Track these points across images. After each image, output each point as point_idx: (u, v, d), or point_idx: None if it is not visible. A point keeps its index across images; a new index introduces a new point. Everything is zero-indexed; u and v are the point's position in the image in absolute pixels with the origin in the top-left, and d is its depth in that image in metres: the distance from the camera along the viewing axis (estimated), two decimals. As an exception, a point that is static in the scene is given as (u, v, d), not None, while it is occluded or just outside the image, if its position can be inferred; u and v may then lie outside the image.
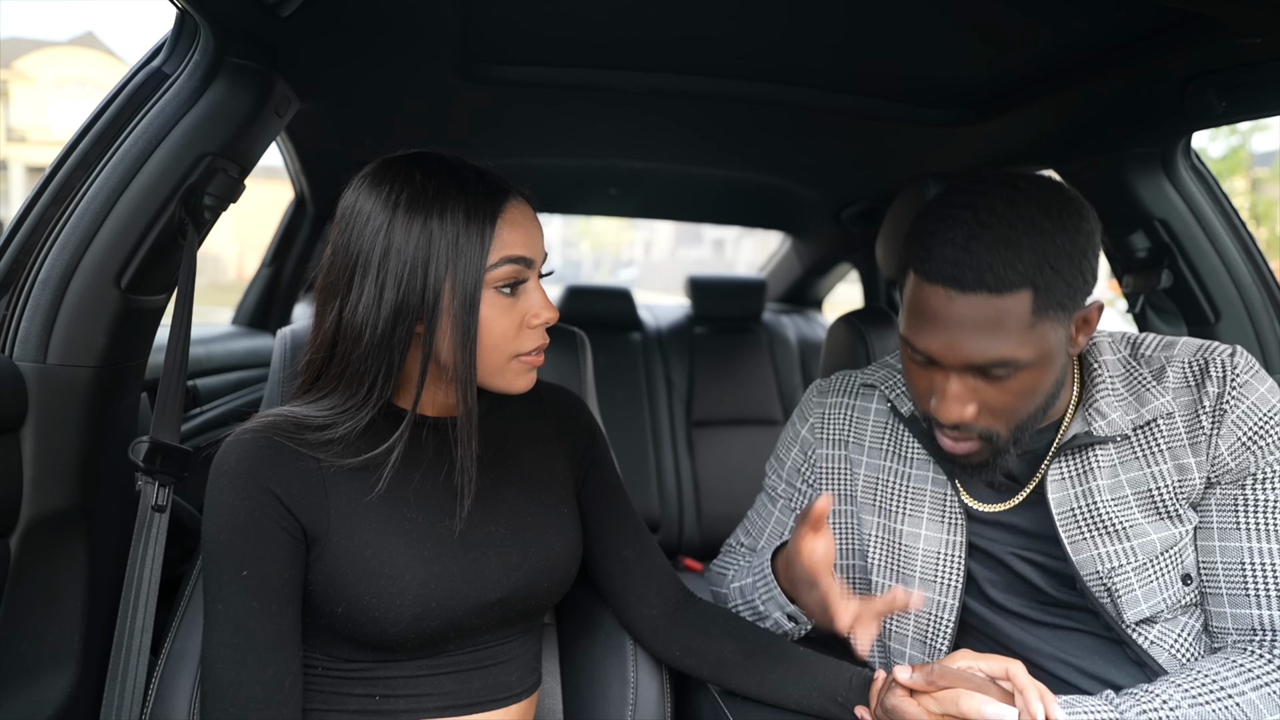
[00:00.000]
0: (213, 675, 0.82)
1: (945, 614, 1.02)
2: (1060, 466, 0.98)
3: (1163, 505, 0.95)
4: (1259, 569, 0.91)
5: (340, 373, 0.87)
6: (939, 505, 1.04)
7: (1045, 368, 0.88)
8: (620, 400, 2.65)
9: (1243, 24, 0.95)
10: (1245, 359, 0.96)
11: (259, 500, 0.83)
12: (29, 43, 23.42)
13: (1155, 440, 0.96)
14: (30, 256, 0.96)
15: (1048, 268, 0.83)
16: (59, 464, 0.96)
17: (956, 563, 1.02)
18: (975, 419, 0.90)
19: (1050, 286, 0.84)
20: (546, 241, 0.92)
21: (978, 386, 0.88)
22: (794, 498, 1.19)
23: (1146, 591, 0.93)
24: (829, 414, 1.16)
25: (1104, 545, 0.94)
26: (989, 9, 1.06)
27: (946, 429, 0.93)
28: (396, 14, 1.12)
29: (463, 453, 0.88)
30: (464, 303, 0.83)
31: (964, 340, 0.85)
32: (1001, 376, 0.87)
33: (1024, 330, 0.84)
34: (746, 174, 2.20)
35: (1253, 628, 0.91)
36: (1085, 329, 0.92)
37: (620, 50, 1.30)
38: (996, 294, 0.83)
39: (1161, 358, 1.00)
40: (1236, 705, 0.83)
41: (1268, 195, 11.93)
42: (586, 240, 34.10)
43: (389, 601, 0.85)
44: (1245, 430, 0.93)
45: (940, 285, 0.85)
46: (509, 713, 0.95)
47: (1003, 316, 0.83)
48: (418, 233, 0.83)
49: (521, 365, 0.89)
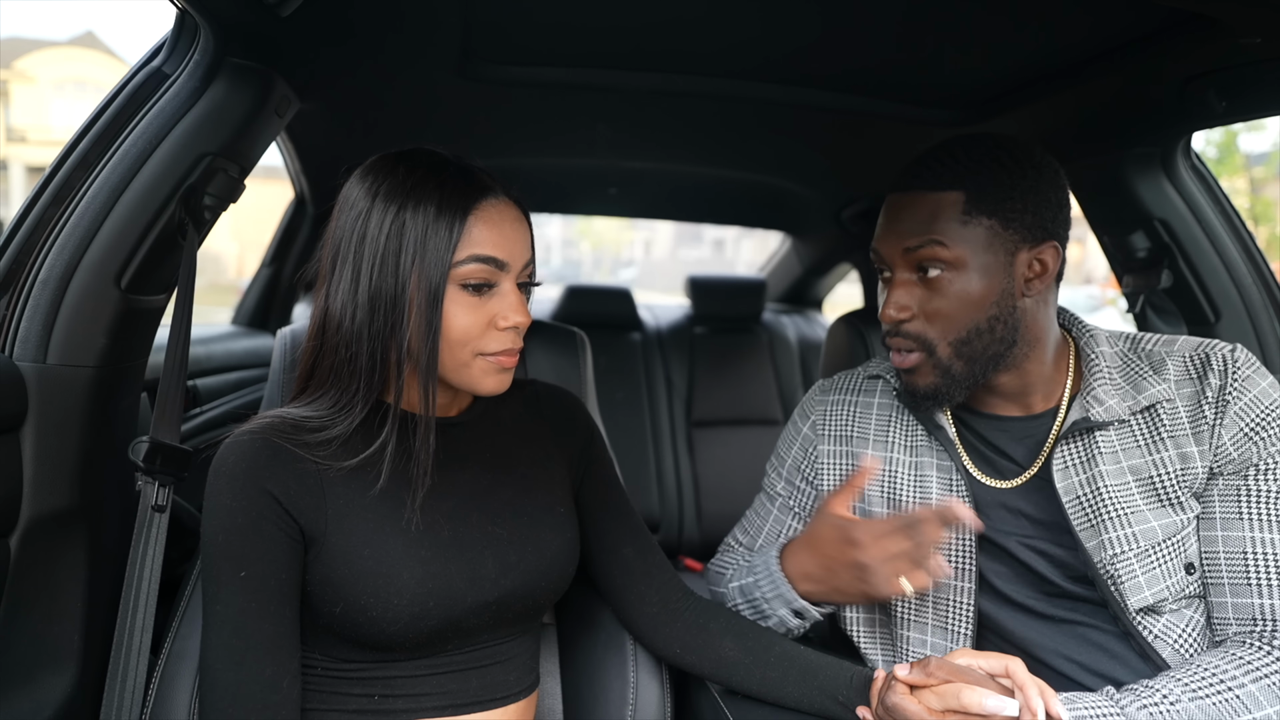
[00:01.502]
0: (211, 675, 0.82)
1: (964, 599, 1.02)
2: (1064, 453, 0.99)
3: (1165, 492, 0.96)
4: (1260, 559, 0.92)
5: (330, 365, 0.88)
6: (946, 489, 1.05)
7: (979, 280, 0.95)
8: (620, 400, 2.65)
9: (1243, 24, 0.95)
10: (1245, 354, 0.98)
11: (257, 501, 0.83)
12: (29, 43, 23.43)
13: (1157, 427, 0.98)
14: (30, 256, 0.96)
15: (983, 174, 0.95)
16: (59, 464, 0.96)
17: (968, 546, 1.03)
18: (912, 321, 0.98)
19: (982, 192, 0.94)
20: (545, 243, 0.93)
21: (914, 290, 0.98)
22: (793, 495, 1.19)
23: (1150, 578, 0.94)
24: (831, 411, 1.17)
25: (1107, 531, 0.95)
26: (989, 9, 1.06)
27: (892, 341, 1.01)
28: (397, 14, 1.12)
29: (419, 445, 0.88)
30: (428, 296, 0.83)
31: (900, 230, 0.98)
32: (935, 277, 0.96)
33: (954, 225, 0.95)
34: (746, 174, 2.20)
35: (1253, 618, 0.91)
36: (1042, 274, 0.98)
37: (620, 50, 1.30)
38: (931, 190, 0.96)
39: (1161, 352, 1.02)
40: (1236, 698, 0.84)
41: (1266, 195, 11.94)
42: (586, 240, 34.07)
43: (386, 601, 0.85)
44: (1248, 421, 0.95)
45: (894, 190, 1.01)
46: (507, 712, 0.96)
47: (935, 209, 0.96)
48: (390, 222, 0.84)
49: (489, 365, 0.88)
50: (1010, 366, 1.00)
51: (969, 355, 0.97)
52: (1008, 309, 0.97)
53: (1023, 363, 1.01)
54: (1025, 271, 0.97)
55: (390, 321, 0.84)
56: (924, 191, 0.97)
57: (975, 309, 0.96)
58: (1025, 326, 0.99)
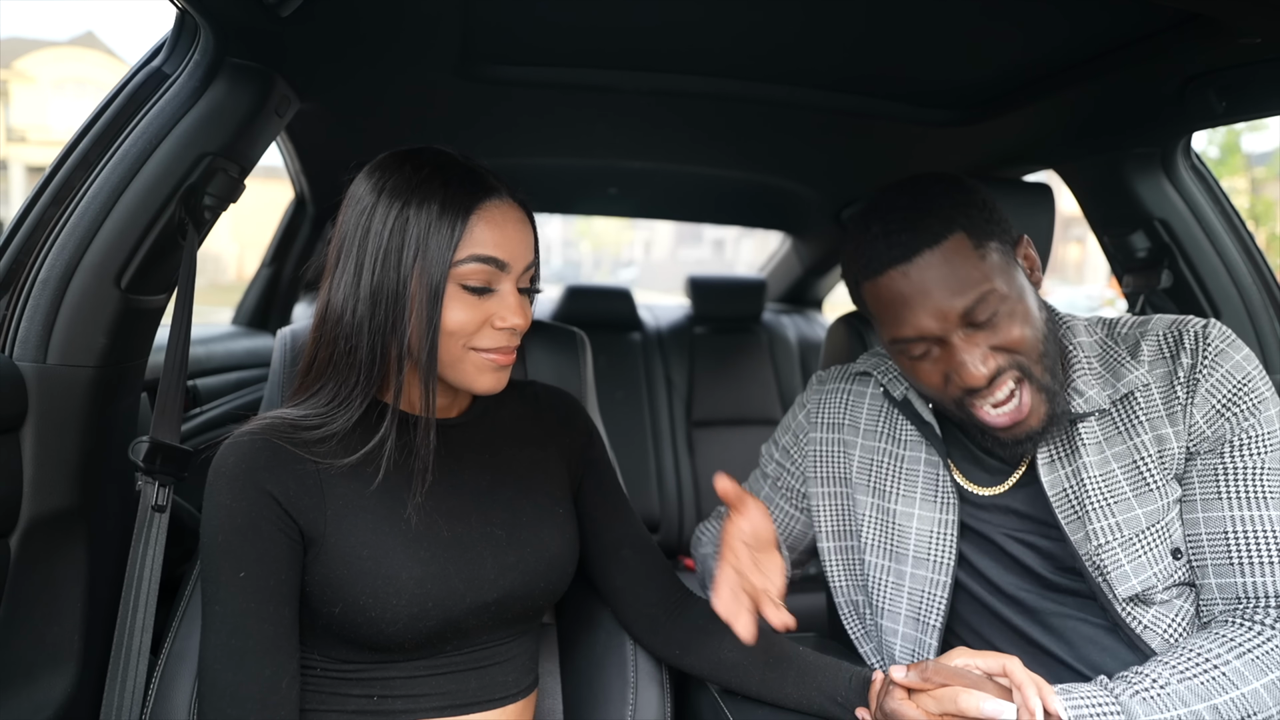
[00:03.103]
0: (210, 675, 0.82)
1: (938, 591, 1.04)
2: (1048, 448, 0.99)
3: (1148, 477, 0.96)
4: (1241, 536, 0.92)
5: (329, 357, 0.88)
6: (931, 486, 1.06)
7: (1019, 293, 0.93)
8: (620, 400, 2.65)
9: (1243, 24, 0.95)
10: (1219, 329, 0.97)
11: (256, 502, 0.83)
12: (29, 43, 23.41)
13: (1134, 413, 0.98)
14: (30, 256, 0.96)
15: (960, 210, 0.92)
16: (59, 464, 0.96)
17: (948, 542, 1.03)
18: (998, 364, 0.91)
19: (974, 222, 0.92)
20: (546, 243, 0.92)
21: (979, 339, 0.91)
22: (781, 476, 1.21)
23: (1136, 566, 0.94)
24: (825, 400, 1.18)
25: (1091, 522, 0.95)
26: (989, 10, 1.06)
27: (988, 399, 0.93)
28: (397, 14, 1.12)
29: (420, 441, 0.88)
30: (429, 293, 0.84)
31: (941, 297, 0.90)
32: (990, 317, 0.91)
33: (977, 262, 0.90)
34: (746, 174, 2.20)
35: (1237, 596, 0.92)
36: (1036, 265, 0.98)
37: (620, 50, 1.30)
38: (937, 245, 0.90)
39: (1136, 334, 1.02)
40: (1223, 675, 0.85)
41: (1267, 195, 11.94)
42: (586, 240, 34.10)
43: (385, 601, 0.85)
44: (1219, 398, 0.94)
45: (889, 270, 0.92)
46: (506, 713, 0.96)
47: (954, 260, 0.90)
48: (394, 219, 0.84)
49: (482, 361, 0.88)
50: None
51: (1047, 357, 0.94)
52: (1042, 305, 0.97)
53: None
54: (1026, 269, 0.98)
55: (391, 317, 0.85)
56: (929, 251, 0.90)
57: (1034, 318, 0.94)
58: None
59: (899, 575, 1.06)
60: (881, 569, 1.08)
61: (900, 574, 1.06)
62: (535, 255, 0.92)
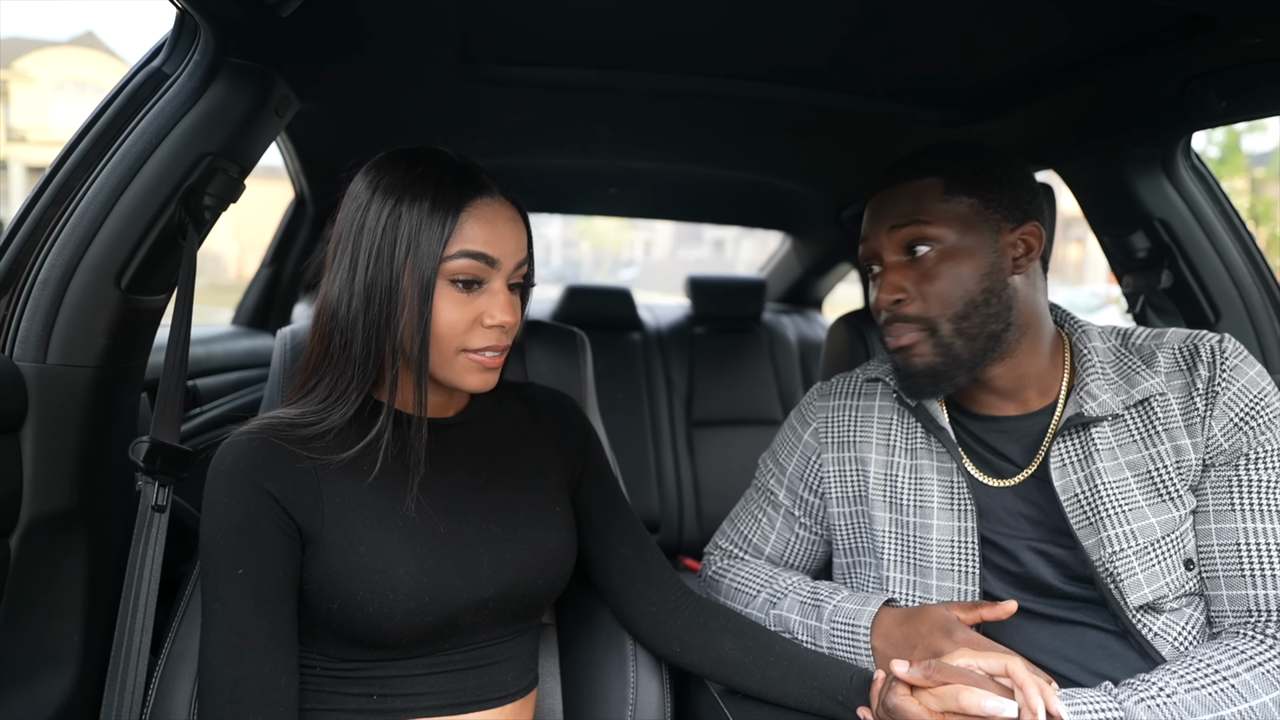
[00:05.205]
0: (210, 673, 0.82)
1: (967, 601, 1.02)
2: (1061, 451, 0.99)
3: (1163, 487, 0.96)
4: (1255, 549, 0.92)
5: (325, 351, 0.89)
6: (947, 490, 1.05)
7: (967, 256, 0.98)
8: (620, 400, 2.64)
9: (1243, 24, 0.95)
10: (1233, 344, 0.99)
11: (255, 500, 0.84)
12: (29, 43, 23.41)
13: (1152, 421, 0.98)
14: (30, 256, 0.96)
15: (952, 161, 1.01)
16: (59, 464, 0.96)
17: (971, 549, 1.02)
18: (910, 304, 1.00)
19: (959, 175, 0.99)
20: (546, 243, 0.93)
21: (906, 272, 1.01)
22: (798, 506, 1.18)
23: (1149, 575, 0.94)
24: (833, 417, 1.17)
25: (1105, 529, 0.95)
26: (989, 9, 1.06)
27: (888, 325, 1.02)
28: (397, 14, 1.12)
29: (414, 435, 0.88)
30: (420, 289, 0.84)
31: (884, 216, 1.02)
32: (923, 256, 0.99)
33: (936, 205, 0.99)
34: (747, 174, 2.20)
35: (1249, 609, 0.91)
36: (1028, 252, 1.01)
37: (620, 50, 1.30)
38: (910, 180, 1.02)
39: (1151, 345, 1.03)
40: (1231, 687, 0.84)
41: (1267, 195, 11.94)
42: (586, 240, 34.07)
43: (382, 597, 0.85)
44: (1237, 411, 0.95)
45: (874, 194, 1.06)
46: (505, 712, 0.96)
47: (916, 196, 1.00)
48: (387, 215, 0.85)
49: (471, 362, 0.89)
50: (1006, 353, 1.01)
51: (969, 333, 0.98)
52: (999, 284, 0.99)
53: (1016, 350, 1.02)
54: (1011, 250, 1.00)
55: (385, 312, 0.86)
56: (904, 183, 1.02)
57: (969, 283, 0.98)
58: (1018, 308, 1.00)
59: (925, 589, 1.04)
60: (906, 584, 1.06)
61: (926, 588, 1.04)
62: (529, 253, 0.92)
